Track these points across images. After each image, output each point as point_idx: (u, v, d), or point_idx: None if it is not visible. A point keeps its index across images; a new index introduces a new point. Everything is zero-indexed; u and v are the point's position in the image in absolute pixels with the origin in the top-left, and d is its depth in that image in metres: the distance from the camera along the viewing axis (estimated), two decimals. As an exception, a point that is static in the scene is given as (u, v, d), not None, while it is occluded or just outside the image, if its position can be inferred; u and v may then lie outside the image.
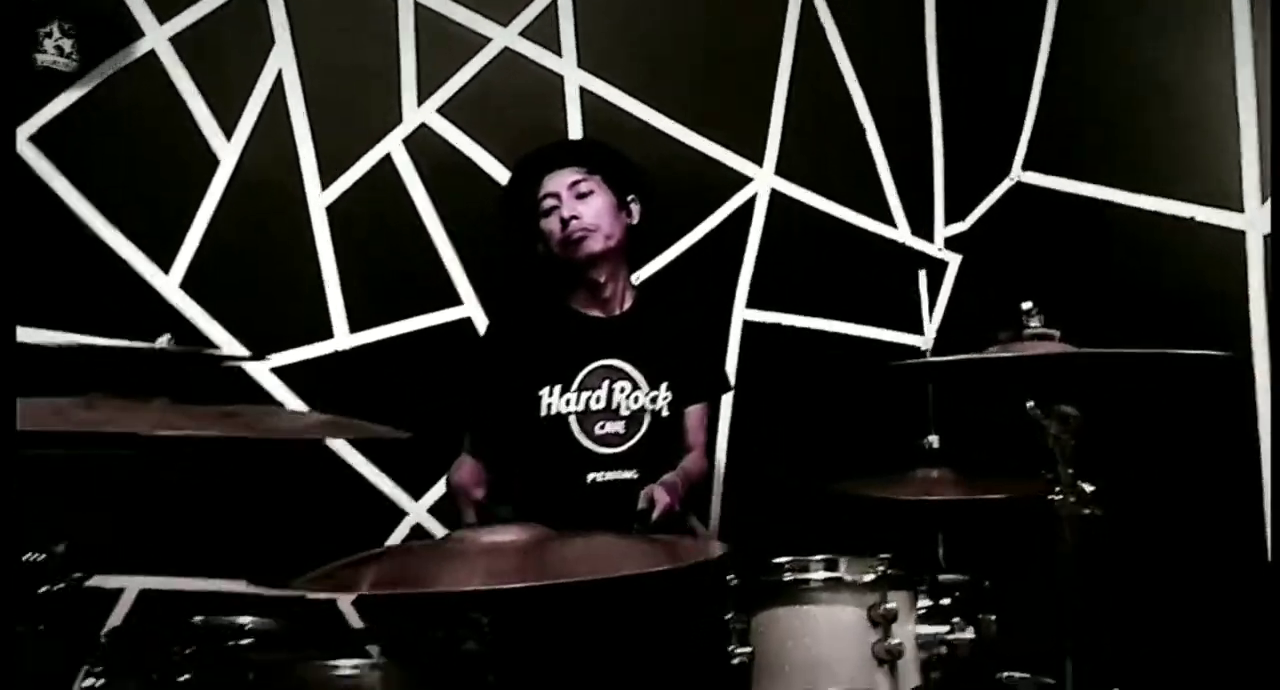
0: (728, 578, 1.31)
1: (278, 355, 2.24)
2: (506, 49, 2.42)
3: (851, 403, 2.43)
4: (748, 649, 1.26)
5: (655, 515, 1.71)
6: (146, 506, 2.02)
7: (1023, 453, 1.56)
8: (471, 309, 2.35)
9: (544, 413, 1.93)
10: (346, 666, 1.38)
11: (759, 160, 2.57)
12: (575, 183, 1.96)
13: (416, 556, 1.08)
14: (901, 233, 2.66)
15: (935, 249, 2.67)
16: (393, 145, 2.34)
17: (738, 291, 2.53)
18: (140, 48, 2.10)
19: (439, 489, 2.28)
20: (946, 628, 1.27)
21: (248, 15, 2.26)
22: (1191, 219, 1.97)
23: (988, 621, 1.37)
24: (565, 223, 1.93)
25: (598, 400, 1.94)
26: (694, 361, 2.10)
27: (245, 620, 1.68)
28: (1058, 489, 1.26)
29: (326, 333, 2.27)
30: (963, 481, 1.77)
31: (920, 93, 2.69)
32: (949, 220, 2.68)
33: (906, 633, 1.26)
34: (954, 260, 2.67)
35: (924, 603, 1.31)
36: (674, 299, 2.22)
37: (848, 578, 1.27)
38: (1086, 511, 1.24)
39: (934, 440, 1.83)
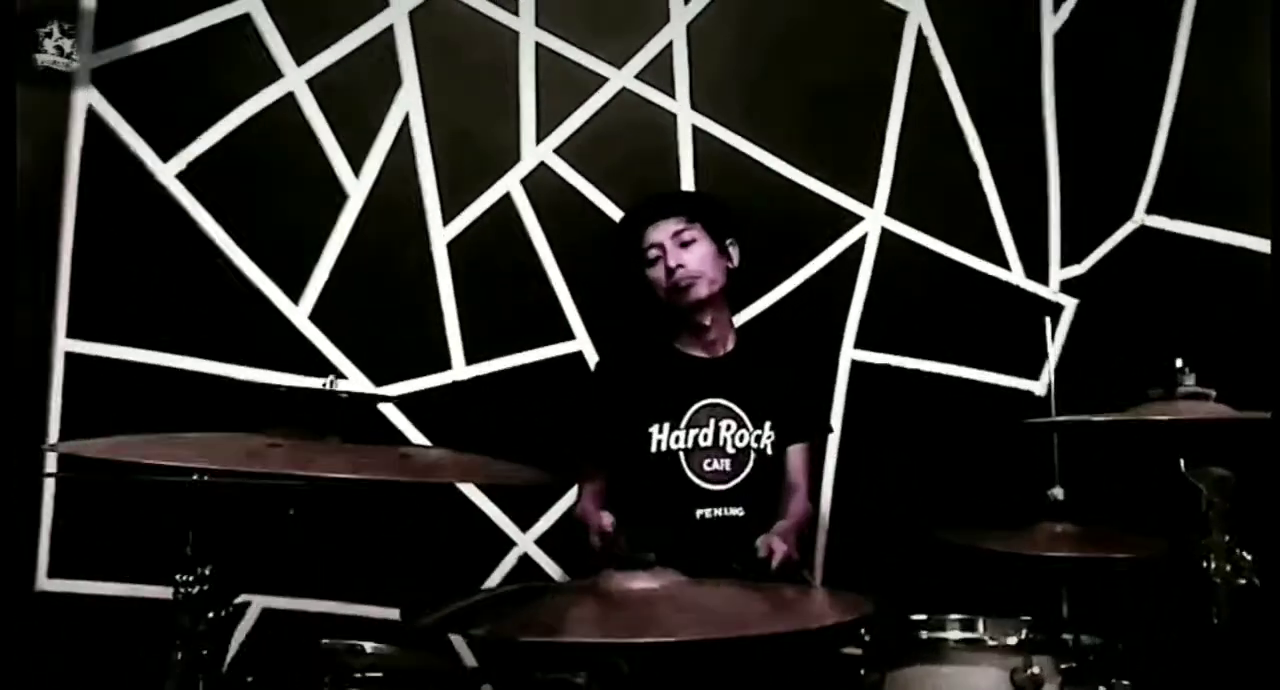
0: (861, 632, 1.29)
1: (397, 385, 2.31)
2: (623, 90, 2.47)
3: (971, 450, 2.39)
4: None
5: (775, 564, 1.72)
6: (279, 530, 2.10)
7: (1158, 512, 1.51)
8: (583, 343, 2.39)
9: (654, 449, 1.97)
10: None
11: (870, 200, 2.56)
12: (678, 232, 2.04)
13: (565, 601, 1.09)
14: (1015, 275, 2.61)
15: (1051, 292, 2.62)
16: (511, 184, 2.40)
17: (846, 331, 2.52)
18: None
19: (548, 520, 2.32)
20: None
21: (379, 57, 2.36)
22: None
23: (1121, 687, 1.33)
24: (671, 272, 2.00)
25: (705, 437, 1.98)
26: (795, 401, 2.11)
27: (369, 646, 1.75)
28: (1211, 555, 1.22)
29: (445, 364, 2.34)
30: (1088, 537, 1.72)
31: (1036, 132, 2.65)
32: (1065, 263, 2.62)
33: None
34: (1070, 304, 2.61)
35: (1065, 665, 1.27)
36: (775, 340, 2.26)
37: (990, 639, 1.25)
38: (1243, 581, 1.19)
39: (1059, 493, 1.78)
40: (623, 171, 2.44)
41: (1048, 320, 2.46)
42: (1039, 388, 2.58)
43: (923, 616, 1.34)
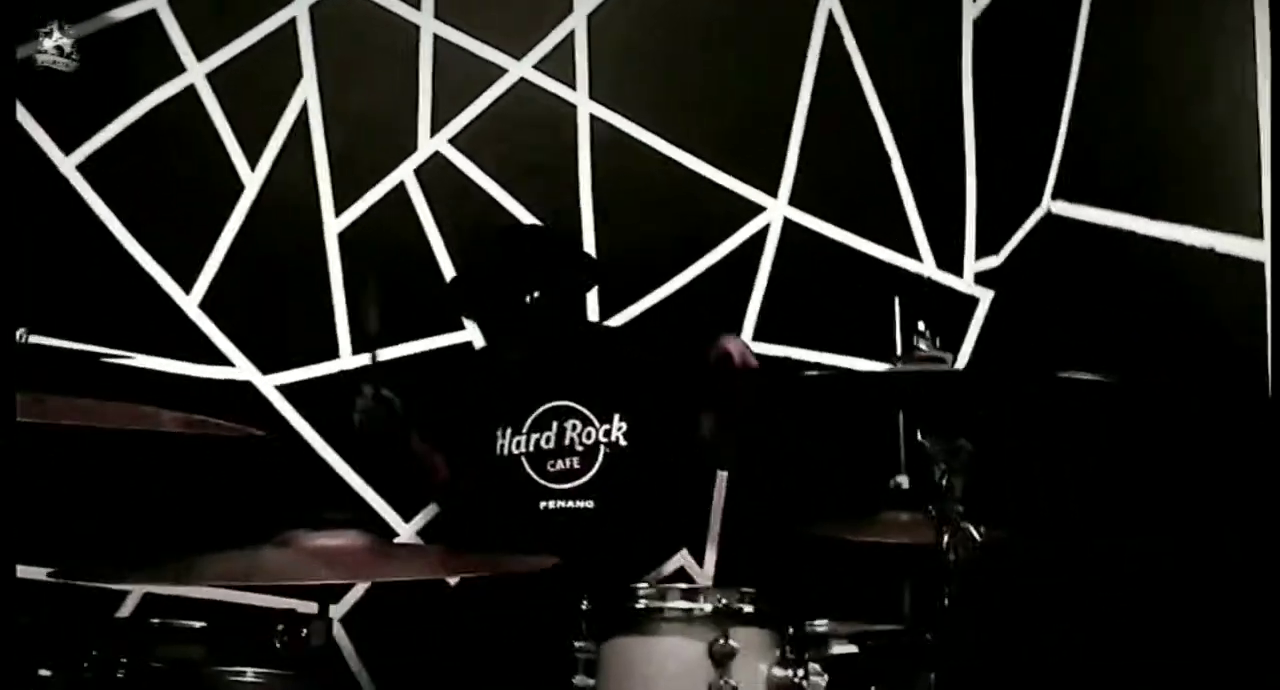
0: (582, 603, 1.26)
1: (283, 374, 2.33)
2: (521, 80, 2.47)
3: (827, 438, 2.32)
4: (591, 681, 1.20)
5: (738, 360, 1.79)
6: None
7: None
8: (472, 334, 2.38)
9: (498, 451, 1.99)
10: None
11: (774, 191, 2.51)
12: None
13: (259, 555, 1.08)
14: (926, 266, 2.53)
15: (965, 284, 2.53)
16: (405, 173, 2.42)
17: (745, 322, 2.47)
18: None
19: (430, 512, 2.31)
20: (798, 673, 1.17)
21: (279, 49, 2.40)
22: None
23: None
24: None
25: (549, 440, 1.97)
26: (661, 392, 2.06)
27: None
28: (944, 528, 1.15)
29: (333, 353, 2.35)
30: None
31: (953, 121, 2.57)
32: (980, 254, 2.54)
33: (751, 674, 1.16)
34: (985, 296, 2.52)
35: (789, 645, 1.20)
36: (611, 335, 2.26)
37: (696, 609, 1.19)
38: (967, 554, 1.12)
39: (904, 480, 1.71)
40: (520, 162, 2.43)
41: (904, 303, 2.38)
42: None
43: (643, 585, 1.29)
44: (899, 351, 1.41)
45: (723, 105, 2.52)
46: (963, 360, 2.49)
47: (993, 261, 2.52)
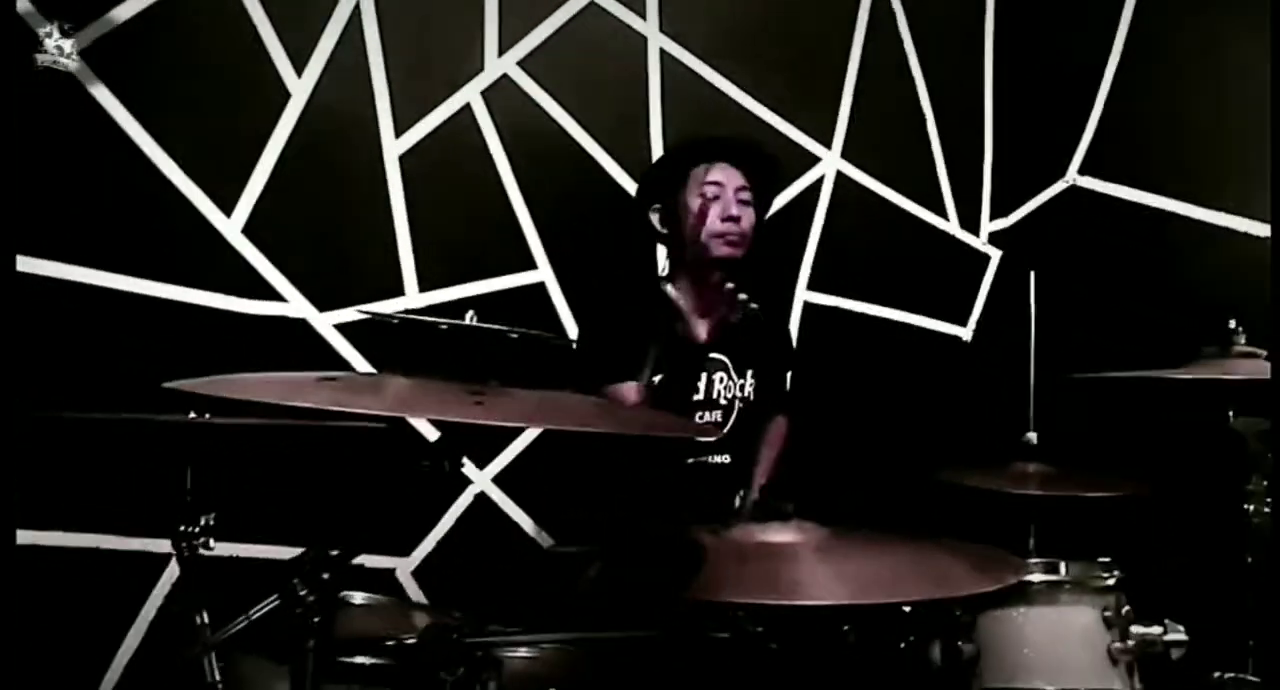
0: None
1: (343, 311, 2.10)
2: (591, 3, 2.31)
3: (915, 393, 2.48)
4: (973, 646, 1.28)
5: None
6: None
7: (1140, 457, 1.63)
8: (545, 274, 2.26)
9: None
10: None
11: (828, 142, 2.56)
12: (742, 188, 1.91)
13: (728, 552, 1.02)
14: (951, 225, 2.71)
15: (980, 243, 2.74)
16: (472, 95, 2.21)
17: (801, 272, 2.53)
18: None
19: (506, 458, 2.21)
20: (1160, 628, 1.32)
21: (326, -60, 2.08)
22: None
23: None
24: (730, 219, 1.87)
25: (698, 392, 1.92)
26: (773, 346, 2.10)
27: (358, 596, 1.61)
28: (1251, 499, 1.32)
29: (397, 290, 2.15)
30: (1061, 477, 1.83)
31: (975, 85, 2.73)
32: (994, 216, 2.75)
33: (1135, 634, 1.31)
34: (995, 255, 2.74)
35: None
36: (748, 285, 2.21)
37: (1082, 581, 1.30)
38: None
39: (1033, 437, 1.88)
40: (589, 93, 2.30)
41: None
42: (965, 334, 2.71)
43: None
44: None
45: (784, 52, 2.51)
46: (975, 314, 2.71)
47: (1003, 223, 2.74)
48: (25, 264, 1.85)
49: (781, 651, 1.04)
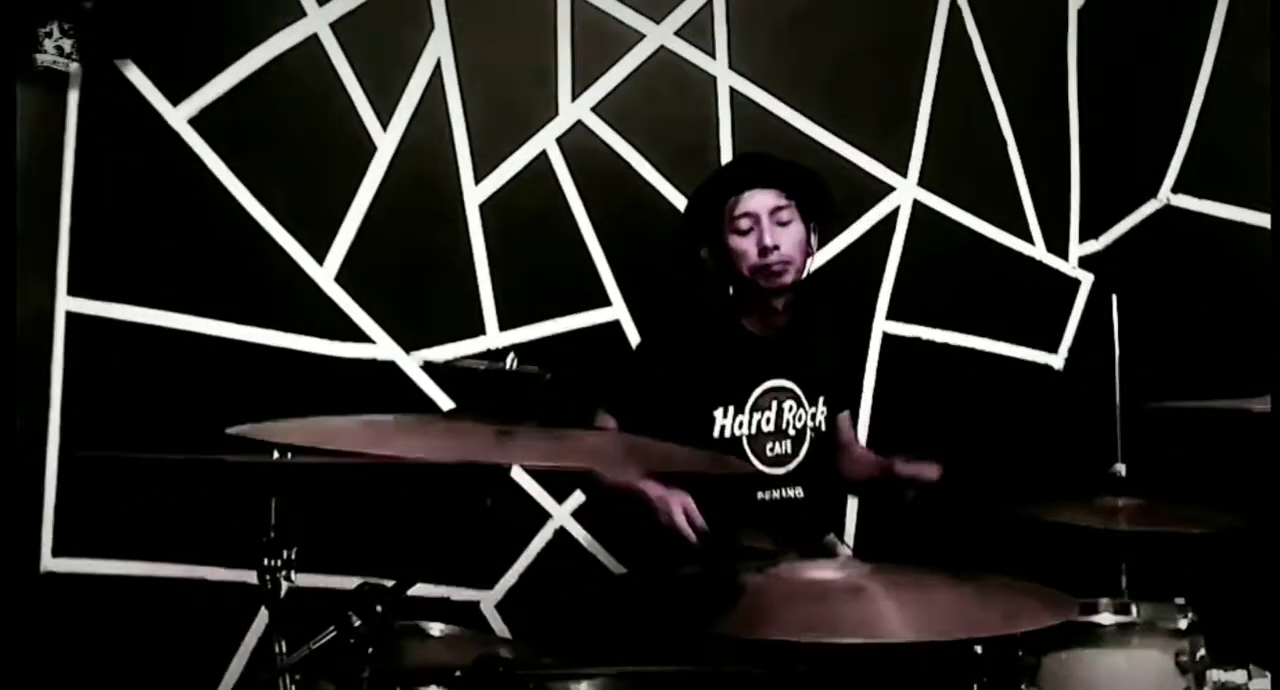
0: None
1: (427, 351, 2.20)
2: (661, 47, 2.37)
3: (1003, 422, 2.42)
4: None
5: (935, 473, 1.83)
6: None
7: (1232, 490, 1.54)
8: (619, 312, 2.32)
9: (717, 435, 1.91)
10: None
11: (903, 171, 2.54)
12: (777, 209, 1.88)
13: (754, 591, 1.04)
14: (1038, 249, 2.64)
15: (1069, 268, 2.66)
16: (547, 142, 2.29)
17: (879, 303, 2.51)
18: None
19: (581, 494, 2.26)
20: (1244, 674, 1.26)
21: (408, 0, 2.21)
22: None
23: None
24: (765, 251, 1.86)
25: (768, 421, 1.92)
26: (843, 374, 2.09)
27: (435, 627, 1.68)
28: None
29: (479, 329, 2.23)
30: (1152, 512, 1.76)
31: (1060, 106, 2.67)
32: (1084, 238, 2.66)
33: (1210, 680, 1.25)
34: (1086, 280, 2.66)
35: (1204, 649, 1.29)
36: (820, 313, 2.20)
37: (1151, 623, 1.26)
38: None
39: (1121, 469, 1.81)
40: (660, 134, 2.35)
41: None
42: (1057, 361, 2.63)
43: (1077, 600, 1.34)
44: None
45: (855, 82, 2.51)
46: (1067, 341, 2.63)
47: (1094, 246, 2.65)
48: (138, 315, 2.02)
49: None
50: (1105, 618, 1.31)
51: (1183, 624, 1.28)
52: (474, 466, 1.09)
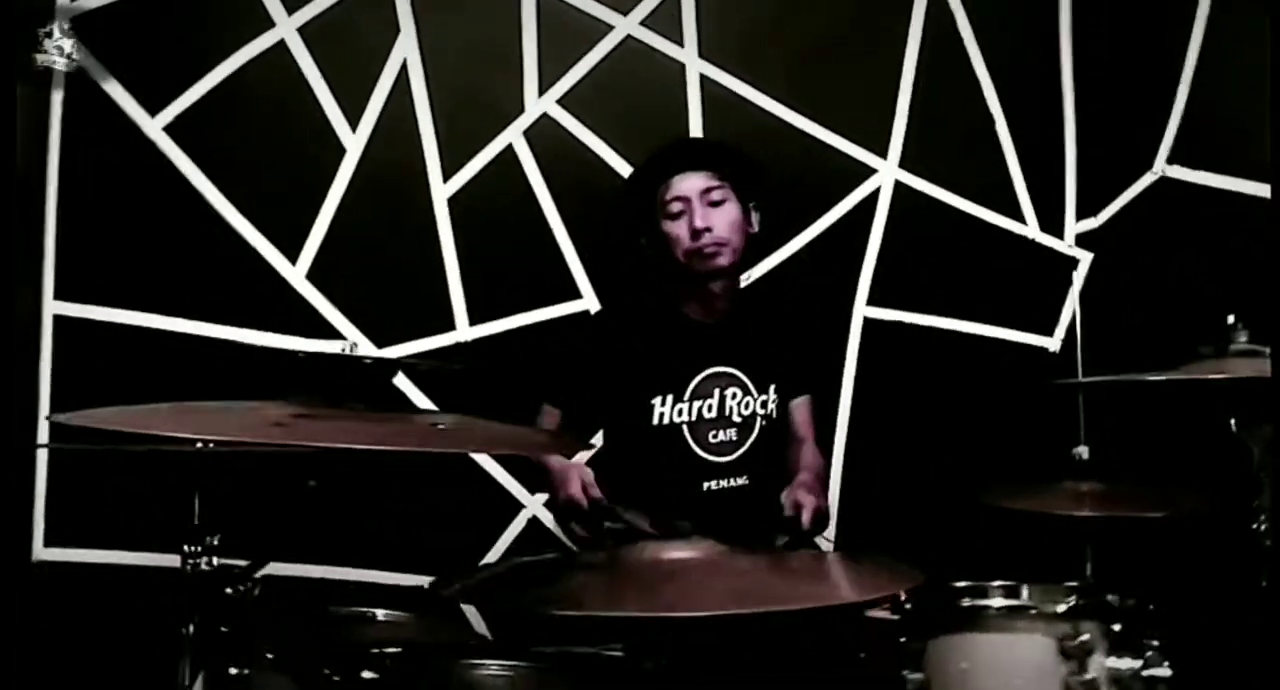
0: (901, 599, 1.26)
1: (400, 346, 2.25)
2: (628, 37, 2.37)
3: (984, 408, 2.35)
4: (920, 675, 1.22)
5: (806, 519, 1.66)
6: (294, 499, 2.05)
7: (1197, 471, 1.47)
8: (590, 302, 2.33)
9: (656, 421, 1.89)
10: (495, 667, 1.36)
11: (883, 152, 2.48)
12: (708, 190, 1.86)
13: (623, 572, 1.04)
14: (1030, 229, 2.55)
15: (1066, 246, 2.56)
16: (514, 136, 2.32)
17: (859, 288, 2.46)
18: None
19: (556, 483, 2.28)
20: (1140, 662, 1.21)
21: (373, 3, 2.26)
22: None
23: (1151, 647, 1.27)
24: (697, 233, 1.83)
25: (710, 408, 1.89)
26: (797, 358, 2.03)
27: (380, 613, 1.71)
28: (1261, 517, 1.18)
29: (448, 324, 2.27)
30: (1116, 496, 1.69)
31: (1052, 80, 2.57)
32: (1080, 216, 2.56)
33: (1098, 666, 1.20)
34: (1085, 258, 2.56)
35: (1109, 630, 1.23)
36: (770, 297, 2.18)
37: (1036, 607, 1.21)
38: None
39: (1084, 451, 1.74)
40: (629, 123, 2.35)
41: (1073, 275, 2.39)
42: (1053, 344, 2.54)
43: (964, 583, 1.30)
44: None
45: (830, 64, 2.47)
46: (1064, 320, 2.54)
47: (1091, 223, 2.55)
48: (121, 316, 2.12)
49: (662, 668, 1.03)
50: (995, 601, 1.27)
51: (1061, 608, 1.22)
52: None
